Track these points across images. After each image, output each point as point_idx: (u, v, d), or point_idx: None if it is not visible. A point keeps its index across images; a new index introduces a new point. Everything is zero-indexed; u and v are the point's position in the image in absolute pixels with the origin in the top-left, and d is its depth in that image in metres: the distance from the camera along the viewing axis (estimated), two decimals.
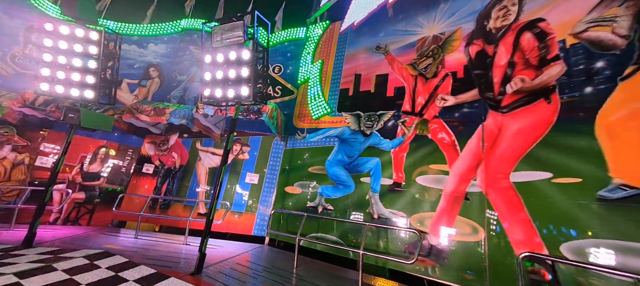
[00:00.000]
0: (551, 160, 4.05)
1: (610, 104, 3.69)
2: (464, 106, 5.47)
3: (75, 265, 4.17)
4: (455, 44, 6.07)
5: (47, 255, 4.54)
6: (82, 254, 4.69)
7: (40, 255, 4.52)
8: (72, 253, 4.74)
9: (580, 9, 4.34)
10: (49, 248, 4.99)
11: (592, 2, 4.23)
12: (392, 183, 5.79)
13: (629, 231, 3.25)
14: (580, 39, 4.22)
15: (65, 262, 4.22)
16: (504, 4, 5.49)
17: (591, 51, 4.07)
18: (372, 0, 7.19)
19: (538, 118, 4.38)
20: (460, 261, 4.54)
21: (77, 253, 4.75)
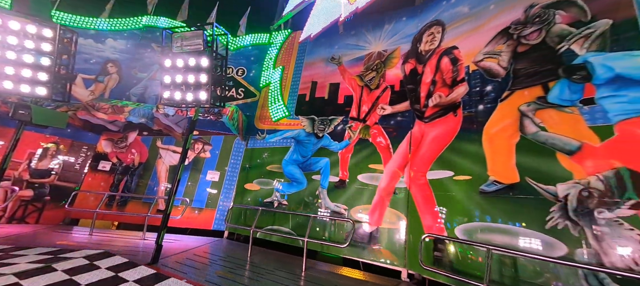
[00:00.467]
0: (453, 162, 5.13)
1: (492, 119, 4.83)
2: (397, 115, 6.47)
3: (76, 265, 4.22)
4: (394, 61, 7.07)
5: (47, 255, 4.58)
6: (82, 254, 4.77)
7: (40, 255, 4.55)
8: (72, 253, 4.81)
9: (481, 42, 5.50)
10: (49, 248, 5.03)
11: (488, 38, 5.39)
12: (338, 181, 6.62)
13: (498, 215, 4.36)
14: (478, 66, 5.37)
15: (65, 262, 4.26)
16: (432, 30, 6.59)
17: (484, 77, 5.22)
18: (326, 17, 7.96)
19: (448, 128, 5.46)
20: (387, 244, 5.48)
21: (77, 253, 4.83)
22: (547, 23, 4.60)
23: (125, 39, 9.71)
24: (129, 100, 8.60)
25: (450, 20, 6.27)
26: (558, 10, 4.55)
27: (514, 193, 4.23)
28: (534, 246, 3.83)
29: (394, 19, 7.56)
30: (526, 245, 3.90)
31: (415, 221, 5.30)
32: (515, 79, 4.75)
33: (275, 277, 4.69)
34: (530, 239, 3.91)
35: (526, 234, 3.96)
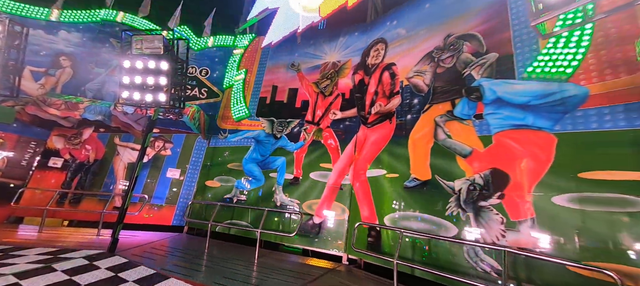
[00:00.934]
0: (386, 162, 6.08)
1: (416, 127, 5.85)
2: (346, 120, 7.32)
3: (75, 265, 4.23)
4: (346, 71, 7.92)
5: (47, 256, 4.59)
6: (81, 254, 4.79)
7: (39, 256, 4.56)
8: (72, 253, 4.82)
9: (412, 62, 6.52)
10: (48, 249, 5.00)
11: (418, 58, 6.43)
12: (292, 178, 7.30)
13: (417, 206, 5.36)
14: (409, 82, 6.38)
15: (65, 263, 4.25)
16: (377, 47, 7.53)
17: (413, 92, 6.24)
18: (286, 27, 8.57)
19: (384, 133, 6.41)
20: (332, 233, 6.29)
21: (76, 253, 4.84)
22: (458, 51, 5.71)
23: (80, 31, 9.41)
24: (84, 96, 8.44)
25: (392, 40, 7.25)
26: (465, 41, 5.68)
27: (427, 188, 5.26)
28: (436, 228, 4.86)
29: (348, 33, 8.41)
30: (427, 227, 4.93)
31: (355, 213, 6.18)
32: (434, 95, 5.80)
33: (231, 264, 5.24)
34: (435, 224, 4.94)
35: (433, 221, 4.98)
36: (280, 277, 4.73)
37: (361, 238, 5.79)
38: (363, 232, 5.87)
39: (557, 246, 3.70)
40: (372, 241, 5.69)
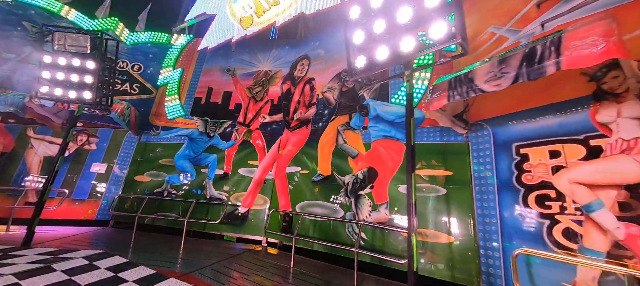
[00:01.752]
0: (301, 161, 7.40)
1: (324, 133, 7.30)
2: (273, 124, 8.44)
3: (75, 265, 4.24)
4: (276, 80, 9.02)
5: (47, 256, 4.59)
6: (81, 254, 4.80)
7: (39, 256, 4.56)
8: (72, 253, 4.83)
9: (326, 79, 7.97)
10: (48, 249, 5.04)
11: (330, 77, 7.90)
12: (222, 173, 8.12)
13: (319, 197, 6.76)
14: (323, 96, 7.81)
15: (64, 263, 4.25)
16: (303, 62, 8.82)
17: (325, 104, 7.68)
18: (221, 35, 9.26)
19: (302, 137, 7.72)
20: (255, 221, 7.35)
21: (76, 253, 4.85)
22: None
23: None
24: None
25: (314, 58, 8.61)
26: None
27: (327, 182, 6.72)
28: (331, 212, 6.34)
29: (280, 45, 9.51)
30: (326, 212, 6.40)
31: (275, 203, 7.36)
32: (338, 108, 7.32)
33: (157, 249, 5.87)
34: (331, 210, 6.41)
35: (330, 207, 6.45)
36: (201, 256, 5.62)
37: (277, 223, 7.00)
38: (279, 218, 7.09)
39: (399, 220, 5.45)
40: (286, 225, 6.95)
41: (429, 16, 2.85)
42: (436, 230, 5.02)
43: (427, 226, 5.08)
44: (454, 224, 4.87)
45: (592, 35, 2.72)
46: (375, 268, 5.29)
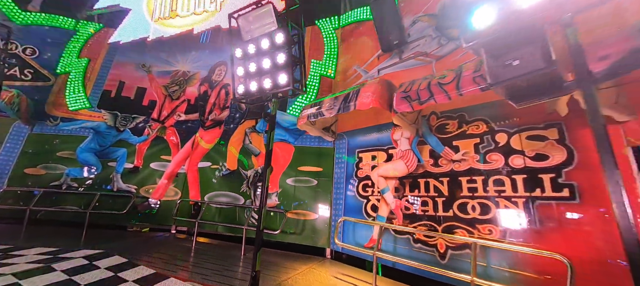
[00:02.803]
0: (213, 156, 8.43)
1: (235, 134, 8.50)
2: (189, 122, 9.17)
3: (75, 265, 4.25)
4: (194, 82, 9.71)
5: (47, 255, 4.60)
6: (81, 254, 4.81)
7: (39, 255, 4.58)
8: (72, 253, 4.84)
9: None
10: (48, 249, 5.04)
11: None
12: (132, 167, 8.47)
13: (226, 187, 7.94)
14: (236, 101, 8.96)
15: (64, 262, 4.25)
16: (221, 67, 9.75)
17: (237, 108, 8.87)
18: (136, 32, 9.40)
19: (215, 136, 8.73)
20: (164, 211, 8.04)
21: (76, 253, 4.86)
22: None
23: None
24: None
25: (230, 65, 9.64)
26: None
27: (233, 176, 7.98)
28: (234, 200, 7.63)
29: (200, 48, 10.17)
30: (230, 200, 7.67)
31: (185, 194, 8.20)
32: (248, 113, 8.62)
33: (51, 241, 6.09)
34: (235, 198, 7.69)
35: (233, 196, 7.73)
36: (106, 243, 6.18)
37: (187, 212, 7.90)
38: (189, 207, 7.99)
39: (285, 204, 7.13)
40: (194, 213, 7.91)
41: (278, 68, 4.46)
42: (308, 210, 6.88)
43: (304, 208, 6.91)
44: (318, 206, 6.82)
45: (369, 91, 4.79)
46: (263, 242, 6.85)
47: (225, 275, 4.74)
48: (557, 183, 3.84)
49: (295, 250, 6.64)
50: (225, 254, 6.12)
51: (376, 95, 4.70)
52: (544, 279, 3.64)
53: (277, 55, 4.53)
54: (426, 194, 5.12)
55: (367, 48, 7.44)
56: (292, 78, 4.54)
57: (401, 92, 4.57)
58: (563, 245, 3.60)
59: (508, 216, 4.17)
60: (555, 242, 3.70)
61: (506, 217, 4.19)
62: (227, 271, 4.92)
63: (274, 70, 4.58)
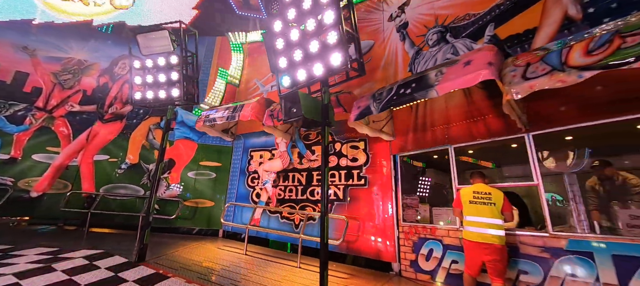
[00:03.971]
0: (112, 150, 8.62)
1: (138, 129, 8.89)
2: (84, 113, 8.98)
3: (75, 265, 4.25)
4: (92, 72, 9.46)
5: (47, 255, 4.64)
6: (81, 254, 4.82)
7: (39, 256, 4.63)
8: (72, 253, 4.84)
9: None
10: (48, 249, 5.08)
11: None
12: (8, 158, 7.89)
13: (126, 179, 8.33)
14: None
15: (64, 262, 4.29)
16: (125, 61, 9.78)
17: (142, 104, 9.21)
18: (18, 12, 8.60)
19: (115, 129, 8.88)
20: (52, 202, 7.86)
21: (76, 253, 4.86)
22: None
23: None
24: None
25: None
26: None
27: (134, 169, 8.43)
28: (134, 192, 8.14)
29: (100, 38, 9.89)
30: (130, 192, 8.16)
31: (78, 186, 8.17)
32: (152, 110, 9.11)
33: None
34: (135, 190, 8.20)
35: (133, 188, 8.21)
36: None
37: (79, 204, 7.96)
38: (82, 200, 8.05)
39: (186, 194, 8.11)
40: (87, 205, 8.04)
41: (172, 83, 5.61)
42: (206, 199, 8.09)
43: (202, 197, 8.06)
44: (215, 195, 8.11)
45: (250, 106, 6.41)
46: (162, 229, 7.72)
47: (118, 250, 5.57)
48: (359, 175, 6.26)
49: (194, 233, 7.77)
50: (120, 239, 6.78)
51: (254, 110, 6.35)
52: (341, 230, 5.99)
53: (171, 72, 5.67)
54: (292, 184, 7.09)
55: (266, 65, 9.03)
56: (184, 92, 5.74)
57: (269, 110, 6.34)
58: (358, 212, 5.99)
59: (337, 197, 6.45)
60: (355, 210, 6.07)
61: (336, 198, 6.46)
62: (116, 251, 5.74)
63: (169, 85, 5.70)
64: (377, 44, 7.00)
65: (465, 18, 5.41)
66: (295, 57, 3.98)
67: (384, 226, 5.46)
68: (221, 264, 5.23)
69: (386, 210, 5.52)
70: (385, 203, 5.58)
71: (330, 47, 3.64)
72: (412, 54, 6.20)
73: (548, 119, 3.94)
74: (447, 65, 3.88)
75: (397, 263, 5.15)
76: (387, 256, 5.28)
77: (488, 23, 5.02)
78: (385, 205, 5.58)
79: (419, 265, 4.85)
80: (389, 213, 5.46)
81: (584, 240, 3.37)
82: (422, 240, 4.92)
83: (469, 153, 5.95)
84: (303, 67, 3.94)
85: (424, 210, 5.42)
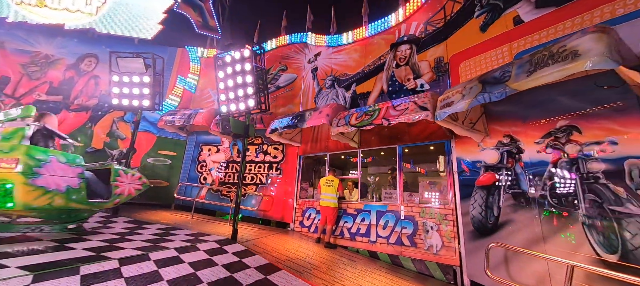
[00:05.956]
0: (75, 136, 10.29)
1: (102, 121, 10.66)
2: (51, 103, 10.41)
3: (211, 247, 4.90)
4: (59, 66, 10.84)
5: (191, 237, 5.55)
6: (213, 238, 5.57)
7: (187, 236, 5.62)
8: (207, 237, 5.71)
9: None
10: (192, 231, 6.26)
11: None
12: None
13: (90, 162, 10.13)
14: (108, 93, 11.03)
15: (204, 244, 5.01)
16: (91, 58, 11.29)
17: (107, 99, 10.97)
18: None
19: (82, 118, 10.51)
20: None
21: (210, 237, 5.66)
22: None
23: None
24: None
25: (103, 60, 11.41)
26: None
27: (98, 153, 10.28)
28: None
29: (67, 36, 11.22)
30: None
31: None
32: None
33: None
34: None
35: None
36: None
37: None
38: None
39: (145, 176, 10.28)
40: None
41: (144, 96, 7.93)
42: (163, 180, 10.39)
43: (159, 178, 10.34)
44: (171, 178, 10.46)
45: (202, 113, 9.00)
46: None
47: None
48: (277, 167, 9.33)
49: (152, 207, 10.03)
50: None
51: (205, 118, 8.96)
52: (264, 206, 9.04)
53: (144, 88, 8.02)
54: (231, 171, 9.88)
55: None
56: (153, 102, 8.15)
57: (215, 119, 9.03)
58: (273, 191, 9.06)
59: (261, 181, 9.42)
60: (271, 190, 9.13)
61: (260, 182, 9.43)
62: None
63: (141, 96, 8.04)
64: (299, 78, 10.14)
65: (344, 76, 8.84)
66: (229, 97, 6.84)
67: (286, 201, 8.65)
68: (175, 221, 7.84)
69: (291, 191, 8.71)
70: (291, 186, 8.76)
71: (248, 95, 6.60)
72: (317, 90, 9.47)
73: (367, 143, 7.48)
74: (314, 110, 7.16)
75: (292, 223, 8.37)
76: (287, 219, 8.48)
77: (353, 82, 8.49)
78: (291, 187, 8.75)
79: (304, 223, 8.12)
80: (292, 193, 8.65)
81: (368, 204, 6.92)
82: (307, 209, 8.21)
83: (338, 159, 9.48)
84: (233, 103, 6.83)
85: (310, 191, 8.75)
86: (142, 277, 3.33)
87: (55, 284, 2.87)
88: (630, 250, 3.31)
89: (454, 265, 5.16)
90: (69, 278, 3.02)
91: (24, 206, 3.79)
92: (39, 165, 3.96)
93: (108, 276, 3.22)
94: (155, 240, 5.05)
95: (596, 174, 3.71)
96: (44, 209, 4.11)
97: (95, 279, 3.10)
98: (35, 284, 2.80)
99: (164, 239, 5.21)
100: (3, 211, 3.89)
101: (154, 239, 5.14)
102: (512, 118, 4.86)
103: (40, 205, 3.97)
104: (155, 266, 3.70)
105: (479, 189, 5.09)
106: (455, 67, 6.31)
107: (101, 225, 6.24)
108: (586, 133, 3.93)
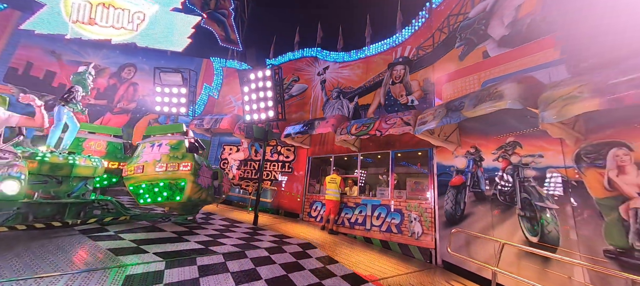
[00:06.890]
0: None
1: (139, 121, 12.41)
2: (98, 106, 12.21)
3: (295, 250, 5.19)
4: (104, 75, 12.65)
5: (277, 238, 5.86)
6: (295, 241, 5.87)
7: (273, 238, 5.85)
8: (290, 239, 5.99)
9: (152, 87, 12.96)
10: (276, 232, 6.57)
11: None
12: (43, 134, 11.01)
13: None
14: (143, 98, 12.78)
15: (288, 247, 5.34)
16: (130, 68, 13.06)
17: (145, 104, 12.71)
18: (53, 28, 11.48)
19: (124, 119, 12.29)
20: None
21: (293, 240, 5.96)
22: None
23: None
24: None
25: (140, 69, 13.16)
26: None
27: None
28: None
29: (110, 48, 13.01)
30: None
31: None
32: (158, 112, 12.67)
33: None
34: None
35: None
36: None
37: None
38: None
39: None
40: None
41: (181, 104, 9.54)
42: None
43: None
44: None
45: (227, 118, 10.58)
46: None
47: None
48: (289, 166, 10.83)
49: None
50: None
51: (229, 122, 10.54)
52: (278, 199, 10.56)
53: (181, 97, 9.68)
54: (250, 168, 11.45)
55: (238, 87, 13.13)
56: (188, 109, 9.80)
57: (237, 124, 10.58)
58: (286, 186, 10.57)
59: (275, 178, 10.94)
60: (285, 186, 10.63)
61: (274, 178, 10.95)
62: None
63: (178, 104, 9.69)
64: (310, 88, 11.60)
65: (348, 88, 10.25)
66: (252, 107, 8.38)
67: (297, 195, 10.15)
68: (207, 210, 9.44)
69: (301, 187, 10.20)
70: (301, 183, 10.24)
71: (268, 107, 8.11)
72: (325, 100, 10.91)
73: (366, 148, 8.87)
74: (322, 119, 8.62)
75: (302, 214, 9.86)
76: (298, 210, 9.98)
77: (356, 94, 9.89)
78: (301, 184, 10.24)
79: (311, 214, 9.59)
80: (301, 189, 10.14)
81: (365, 199, 8.32)
82: (314, 201, 9.67)
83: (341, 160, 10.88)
84: (256, 113, 8.37)
85: (317, 187, 10.22)
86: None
87: (181, 272, 3.35)
88: (545, 233, 4.64)
89: (430, 248, 6.53)
90: (191, 268, 3.53)
91: (187, 198, 5.33)
92: (200, 167, 5.57)
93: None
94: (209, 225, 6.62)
95: (529, 178, 5.03)
96: (194, 201, 5.56)
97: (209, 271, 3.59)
98: (168, 270, 3.34)
99: (207, 223, 6.79)
100: (164, 203, 5.30)
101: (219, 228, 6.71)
102: (477, 133, 6.17)
103: (195, 198, 5.48)
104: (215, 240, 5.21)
105: (451, 188, 6.43)
106: (439, 87, 7.63)
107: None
108: (526, 148, 5.23)
